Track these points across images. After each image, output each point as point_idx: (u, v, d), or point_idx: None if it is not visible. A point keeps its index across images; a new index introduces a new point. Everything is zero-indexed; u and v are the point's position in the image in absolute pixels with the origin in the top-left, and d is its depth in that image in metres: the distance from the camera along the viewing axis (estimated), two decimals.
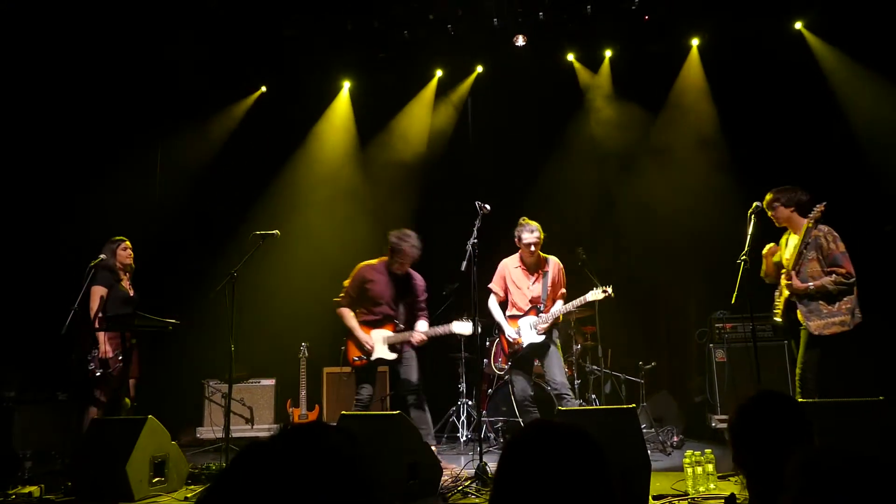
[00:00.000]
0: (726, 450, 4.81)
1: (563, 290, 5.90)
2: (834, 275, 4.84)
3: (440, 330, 5.62)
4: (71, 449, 5.47)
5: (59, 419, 6.31)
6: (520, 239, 5.72)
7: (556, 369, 5.62)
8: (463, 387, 7.09)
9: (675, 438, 6.26)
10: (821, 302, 4.87)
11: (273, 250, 6.35)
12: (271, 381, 7.66)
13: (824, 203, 4.92)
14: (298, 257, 8.25)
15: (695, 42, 7.94)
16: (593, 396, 6.83)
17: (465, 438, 6.83)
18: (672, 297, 7.81)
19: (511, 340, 5.75)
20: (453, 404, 7.14)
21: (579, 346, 6.92)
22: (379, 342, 5.61)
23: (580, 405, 6.46)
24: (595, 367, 6.89)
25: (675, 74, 8.04)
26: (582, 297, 5.64)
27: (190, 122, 8.33)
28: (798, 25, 7.58)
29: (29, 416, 6.25)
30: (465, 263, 5.15)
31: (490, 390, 6.95)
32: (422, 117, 8.69)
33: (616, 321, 7.65)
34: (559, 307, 5.72)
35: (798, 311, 4.95)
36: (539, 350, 5.73)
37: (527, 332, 5.71)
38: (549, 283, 5.76)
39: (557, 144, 8.21)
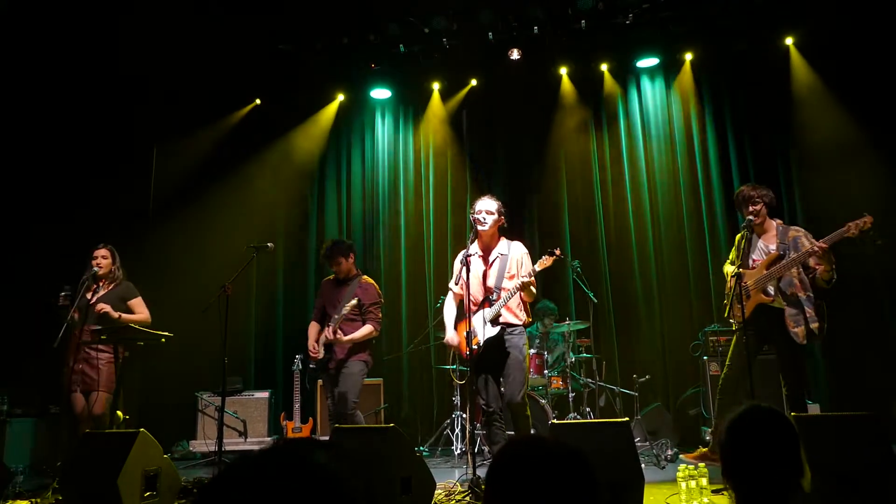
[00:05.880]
0: (720, 463, 4.80)
1: (529, 279, 4.79)
2: None
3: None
4: (62, 463, 5.44)
5: (50, 433, 6.27)
6: (473, 210, 4.99)
7: (512, 381, 4.74)
8: (457, 399, 7.07)
9: (670, 452, 6.24)
10: None
11: (265, 262, 6.34)
12: (265, 394, 7.63)
13: None
14: (290, 269, 8.24)
15: (688, 56, 8.00)
16: (588, 409, 6.82)
17: (459, 451, 6.81)
18: (666, 309, 7.81)
19: (468, 338, 4.73)
20: (448, 417, 7.13)
21: (573, 359, 6.92)
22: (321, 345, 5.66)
23: (574, 418, 6.45)
24: (589, 379, 6.88)
25: (668, 89, 8.10)
26: (532, 268, 4.80)
27: (184, 133, 8.34)
28: (788, 41, 7.67)
29: (20, 430, 6.21)
30: (457, 276, 5.10)
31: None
32: (415, 130, 8.71)
33: (611, 334, 7.67)
34: (510, 288, 4.79)
35: None
36: (497, 353, 4.81)
37: (481, 327, 4.82)
38: (507, 269, 4.89)
39: (551, 158, 8.24)
